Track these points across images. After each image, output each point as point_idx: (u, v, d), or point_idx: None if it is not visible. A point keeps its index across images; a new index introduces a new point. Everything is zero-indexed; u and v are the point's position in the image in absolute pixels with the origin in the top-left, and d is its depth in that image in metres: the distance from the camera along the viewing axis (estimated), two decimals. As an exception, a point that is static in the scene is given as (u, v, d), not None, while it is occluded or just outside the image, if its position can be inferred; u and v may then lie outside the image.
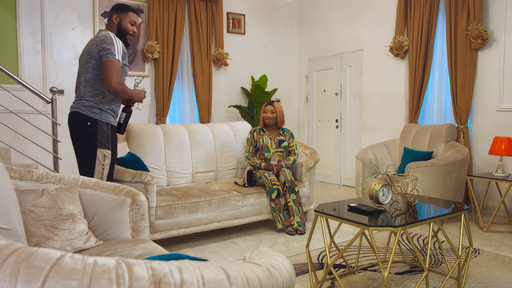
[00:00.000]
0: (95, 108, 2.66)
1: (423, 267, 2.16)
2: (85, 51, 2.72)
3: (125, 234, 2.07)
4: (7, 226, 1.44)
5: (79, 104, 2.67)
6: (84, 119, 2.64)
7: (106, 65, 2.59)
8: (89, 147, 2.65)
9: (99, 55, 2.63)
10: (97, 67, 2.65)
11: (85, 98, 2.66)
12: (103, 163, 2.67)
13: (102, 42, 2.63)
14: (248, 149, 4.02)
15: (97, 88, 2.67)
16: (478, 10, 4.22)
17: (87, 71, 2.67)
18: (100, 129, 2.66)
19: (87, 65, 2.67)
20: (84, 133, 2.64)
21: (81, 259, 0.71)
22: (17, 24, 4.60)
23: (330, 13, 6.21)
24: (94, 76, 2.67)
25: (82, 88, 2.69)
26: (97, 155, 2.65)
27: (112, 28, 2.80)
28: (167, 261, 0.78)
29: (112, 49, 2.61)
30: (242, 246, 3.36)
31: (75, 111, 2.67)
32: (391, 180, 2.61)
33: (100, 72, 2.65)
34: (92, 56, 2.65)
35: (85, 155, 2.66)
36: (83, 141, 2.67)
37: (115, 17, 2.80)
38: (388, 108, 5.43)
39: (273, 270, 0.92)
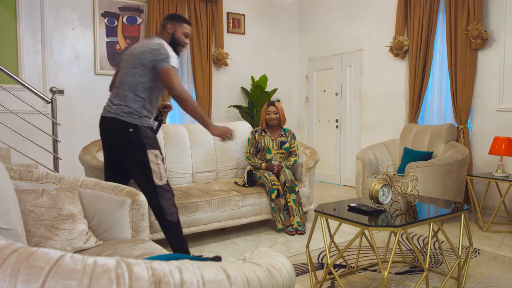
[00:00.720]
0: (134, 115, 2.58)
1: (423, 267, 2.16)
2: (134, 53, 2.60)
3: (125, 234, 2.07)
4: (7, 226, 1.44)
5: (119, 111, 2.56)
6: (126, 125, 2.55)
7: (165, 71, 2.53)
8: (139, 152, 2.56)
9: (152, 65, 2.55)
10: (145, 74, 2.57)
11: (124, 104, 2.57)
12: (157, 162, 2.60)
13: (157, 52, 2.55)
14: (248, 150, 4.02)
15: (139, 95, 2.59)
16: (478, 10, 4.22)
17: (132, 75, 2.57)
18: (143, 132, 2.58)
19: (134, 70, 2.57)
20: (128, 140, 2.56)
21: (81, 259, 0.71)
22: (17, 24, 4.60)
23: (330, 13, 6.21)
24: (138, 83, 2.58)
25: (122, 92, 2.58)
26: (149, 156, 2.57)
27: (165, 36, 2.74)
28: (167, 261, 0.78)
29: (169, 57, 2.57)
30: (242, 246, 3.36)
31: (115, 118, 2.56)
32: (391, 180, 2.61)
33: (147, 80, 2.58)
34: (142, 63, 2.56)
35: (137, 161, 2.57)
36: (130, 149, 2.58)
37: (170, 27, 2.75)
38: (388, 108, 5.43)
39: (273, 270, 0.92)
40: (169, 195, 2.65)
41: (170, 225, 2.64)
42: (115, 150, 2.66)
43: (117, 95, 2.63)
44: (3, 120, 3.99)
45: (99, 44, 5.11)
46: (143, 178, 2.58)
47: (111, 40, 5.20)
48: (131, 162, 2.61)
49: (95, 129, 4.95)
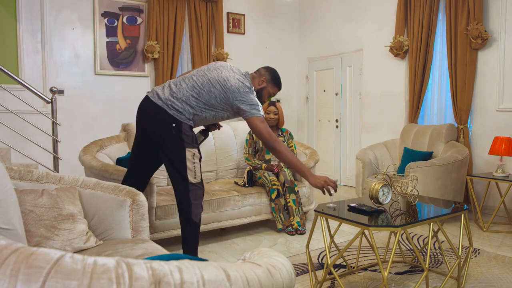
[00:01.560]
0: (182, 115, 2.54)
1: (423, 267, 2.16)
2: (222, 78, 2.56)
3: (125, 234, 2.07)
4: (7, 226, 1.44)
5: (169, 103, 2.51)
6: (170, 119, 2.51)
7: (254, 121, 2.54)
8: (177, 148, 2.54)
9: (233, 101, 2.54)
10: (218, 104, 2.56)
11: (180, 102, 2.53)
12: (194, 161, 2.58)
13: (245, 93, 2.54)
14: (247, 151, 4.02)
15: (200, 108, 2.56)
16: (478, 10, 4.22)
17: (208, 93, 2.54)
18: (184, 130, 2.55)
19: (213, 89, 2.54)
20: (168, 134, 2.53)
21: (81, 259, 0.71)
22: (17, 24, 4.60)
23: (330, 13, 6.21)
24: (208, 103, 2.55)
25: (188, 94, 2.54)
26: (186, 154, 2.55)
27: (255, 84, 2.72)
28: (167, 261, 0.78)
29: (255, 104, 2.56)
30: (242, 246, 3.36)
31: (162, 108, 2.51)
32: (391, 180, 2.61)
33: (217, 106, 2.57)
34: (226, 94, 2.54)
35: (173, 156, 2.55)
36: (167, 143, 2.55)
37: (264, 81, 2.75)
38: (388, 108, 5.43)
39: (273, 270, 0.92)
40: (200, 193, 2.62)
41: (192, 224, 2.61)
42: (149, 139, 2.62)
43: (178, 89, 2.56)
44: (3, 120, 3.99)
45: (99, 44, 5.11)
46: (176, 174, 2.56)
47: (111, 40, 5.20)
48: (168, 156, 2.57)
49: (95, 129, 4.96)
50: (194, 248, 2.66)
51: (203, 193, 2.65)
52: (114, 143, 3.67)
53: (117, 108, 5.21)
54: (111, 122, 5.02)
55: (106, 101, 5.19)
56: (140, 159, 2.74)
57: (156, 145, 2.60)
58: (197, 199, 2.60)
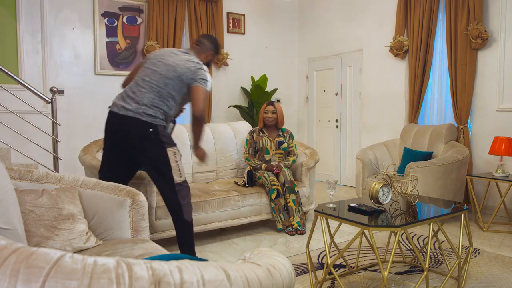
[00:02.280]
0: (156, 118, 2.58)
1: (423, 267, 2.16)
2: (171, 65, 2.62)
3: (125, 234, 2.07)
4: (7, 226, 1.44)
5: (141, 111, 2.54)
6: (146, 125, 2.55)
7: (199, 90, 2.59)
8: (158, 150, 2.58)
9: (189, 81, 2.60)
10: (179, 89, 2.61)
11: (148, 106, 2.56)
12: (176, 160, 2.62)
13: (197, 71, 2.61)
14: (247, 151, 4.02)
15: (167, 105, 2.61)
16: (478, 10, 4.22)
17: (165, 85, 2.59)
18: (161, 131, 2.59)
19: (168, 81, 2.59)
20: (147, 139, 2.56)
21: (81, 259, 0.71)
22: (17, 24, 4.60)
23: (330, 13, 6.21)
24: (170, 96, 2.60)
25: (149, 95, 2.57)
26: (168, 154, 2.59)
27: (201, 58, 2.77)
28: (167, 261, 0.78)
29: (208, 80, 2.63)
30: (242, 246, 3.36)
31: (134, 117, 2.54)
32: (391, 180, 2.61)
33: (177, 94, 2.62)
34: (180, 79, 2.59)
35: (158, 159, 2.58)
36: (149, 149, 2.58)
37: (211, 54, 2.82)
38: (388, 108, 5.43)
39: (273, 270, 0.92)
40: (187, 192, 2.66)
41: (185, 224, 2.64)
42: (127, 148, 2.63)
43: (139, 95, 2.58)
44: (3, 120, 3.99)
45: (99, 44, 5.11)
46: (162, 177, 2.59)
47: (111, 40, 5.20)
48: (150, 161, 2.60)
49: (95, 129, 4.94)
50: (191, 249, 2.68)
51: (190, 191, 2.70)
52: (114, 143, 3.66)
53: (117, 108, 5.20)
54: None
55: (106, 101, 5.13)
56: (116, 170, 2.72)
57: (137, 153, 2.62)
58: (185, 198, 2.63)
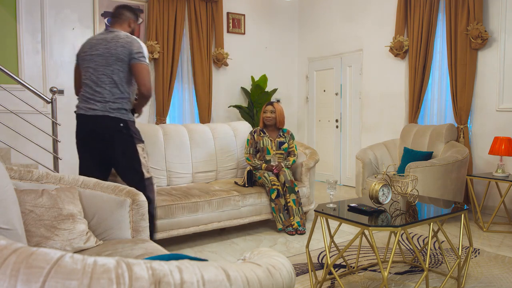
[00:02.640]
0: (122, 110, 2.62)
1: (423, 267, 2.16)
2: (103, 50, 2.61)
3: (125, 234, 2.07)
4: (7, 226, 1.44)
5: (106, 107, 2.58)
6: (117, 121, 2.59)
7: (141, 68, 2.60)
8: (130, 146, 2.63)
9: (129, 58, 2.60)
10: (124, 69, 2.61)
11: (111, 101, 2.59)
12: (144, 155, 2.71)
13: (130, 45, 2.60)
14: (248, 150, 4.02)
15: (124, 90, 2.63)
16: (478, 10, 4.22)
17: (112, 73, 2.59)
18: (132, 127, 2.65)
19: (112, 67, 2.59)
20: (120, 135, 2.60)
21: (81, 259, 0.71)
22: (17, 24, 4.60)
23: (330, 13, 6.21)
24: (122, 79, 2.61)
25: (107, 90, 2.59)
26: (138, 150, 2.66)
27: (126, 30, 2.76)
28: (167, 261, 0.78)
29: (144, 53, 2.63)
30: (242, 246, 3.36)
31: (103, 115, 2.57)
32: (391, 180, 2.61)
33: (126, 74, 2.62)
34: (119, 58, 2.58)
35: (129, 154, 2.63)
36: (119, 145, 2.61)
37: (132, 22, 2.80)
38: (388, 108, 5.43)
39: (273, 270, 0.92)
40: (153, 187, 2.75)
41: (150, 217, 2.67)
42: (101, 147, 2.67)
43: (97, 94, 2.62)
44: (3, 120, 3.98)
45: (99, 44, 5.10)
46: (132, 172, 2.65)
47: (111, 40, 5.19)
48: (122, 156, 2.65)
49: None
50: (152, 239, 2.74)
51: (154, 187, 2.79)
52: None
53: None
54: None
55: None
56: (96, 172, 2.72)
57: (110, 150, 2.65)
58: (152, 193, 2.73)
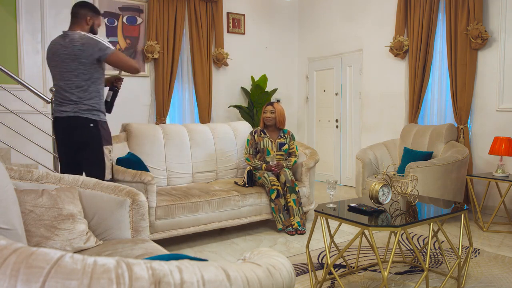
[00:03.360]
0: (94, 110, 2.71)
1: (423, 267, 2.16)
2: (63, 56, 2.66)
3: (125, 234, 2.07)
4: (7, 226, 1.44)
5: (76, 109, 2.67)
6: (87, 121, 2.68)
7: (115, 57, 2.65)
8: (97, 147, 2.71)
9: (92, 58, 2.63)
10: (88, 71, 2.66)
11: (82, 103, 2.68)
12: (110, 158, 2.79)
13: (88, 45, 2.61)
14: (248, 151, 4.01)
15: (92, 91, 2.70)
16: (478, 10, 4.22)
17: (77, 77, 2.66)
18: (102, 128, 2.74)
19: (75, 72, 2.65)
20: (89, 135, 2.69)
21: (81, 259, 0.71)
22: (17, 24, 4.60)
23: (330, 13, 6.21)
24: (86, 80, 2.67)
25: (76, 94, 2.67)
26: (105, 151, 2.74)
27: (85, 28, 2.76)
28: (167, 261, 0.78)
29: (103, 44, 2.65)
30: (242, 246, 3.36)
31: (74, 116, 2.67)
32: (391, 180, 2.61)
33: (91, 75, 2.67)
34: (80, 62, 2.64)
35: (95, 155, 2.71)
36: (89, 143, 2.70)
37: (89, 18, 2.78)
38: (388, 108, 5.43)
39: (273, 270, 0.92)
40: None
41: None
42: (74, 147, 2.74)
43: (67, 97, 2.69)
44: (3, 120, 3.98)
45: (99, 44, 5.10)
46: (95, 171, 2.69)
47: (111, 40, 5.19)
48: (88, 156, 2.72)
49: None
50: None
51: None
52: (114, 143, 3.67)
53: (117, 108, 5.18)
54: (111, 122, 5.00)
55: (106, 101, 5.18)
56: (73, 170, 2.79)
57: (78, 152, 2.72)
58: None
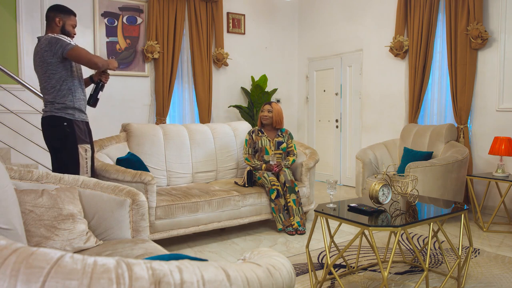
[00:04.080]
0: (68, 109, 2.75)
1: (423, 267, 2.16)
2: (37, 61, 2.74)
3: (125, 234, 2.07)
4: (7, 226, 1.44)
5: (52, 108, 2.74)
6: (60, 120, 2.73)
7: (74, 53, 2.67)
8: (70, 146, 2.74)
9: (56, 57, 2.68)
10: (56, 70, 2.71)
11: (56, 102, 2.73)
12: (86, 157, 2.79)
13: (50, 45, 2.67)
14: (247, 151, 4.01)
15: (63, 89, 2.74)
16: (478, 10, 4.22)
17: (48, 78, 2.72)
18: (76, 127, 2.76)
19: (47, 73, 2.72)
20: (62, 133, 2.73)
21: (81, 259, 0.71)
22: (17, 24, 4.60)
23: (330, 13, 6.21)
24: (57, 80, 2.72)
25: (51, 94, 2.74)
26: (79, 151, 2.76)
27: (55, 30, 2.81)
28: (167, 261, 0.78)
29: (64, 41, 2.68)
30: (242, 246, 3.36)
31: (50, 115, 2.74)
32: (391, 180, 2.61)
33: (61, 74, 2.72)
34: (48, 63, 2.69)
35: (67, 154, 2.74)
36: (61, 141, 2.74)
37: (58, 20, 2.81)
38: (388, 108, 5.43)
39: (273, 270, 0.92)
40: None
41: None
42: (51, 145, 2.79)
43: (47, 99, 2.78)
44: (3, 120, 3.99)
45: (99, 44, 5.11)
46: (69, 172, 2.70)
47: (111, 40, 5.20)
48: (62, 154, 2.75)
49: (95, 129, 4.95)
50: None
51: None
52: (114, 143, 3.67)
53: (117, 108, 5.21)
54: (111, 122, 5.02)
55: (106, 101, 5.18)
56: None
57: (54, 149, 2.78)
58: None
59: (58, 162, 2.80)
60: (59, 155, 2.77)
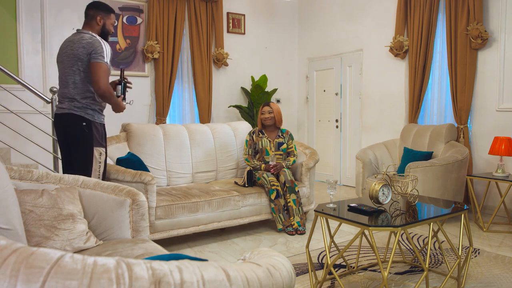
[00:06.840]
0: (88, 109, 2.72)
1: (423, 267, 2.16)
2: (68, 52, 2.71)
3: (125, 234, 2.07)
4: (7, 226, 1.44)
5: (71, 106, 2.69)
6: (79, 119, 2.69)
7: (95, 67, 2.64)
8: (86, 146, 2.70)
9: (88, 58, 2.65)
10: (85, 69, 2.68)
11: (77, 100, 2.70)
12: (100, 161, 2.76)
13: (90, 45, 2.65)
14: (247, 151, 4.01)
15: (87, 89, 2.71)
16: (478, 10, 4.22)
17: (74, 73, 2.69)
18: (95, 128, 2.73)
19: (74, 68, 2.69)
20: (80, 133, 2.69)
21: (81, 259, 0.71)
22: (17, 24, 4.60)
23: (330, 13, 6.21)
24: (83, 79, 2.69)
25: (71, 90, 2.70)
26: (94, 153, 2.72)
27: (95, 28, 2.79)
28: (167, 261, 0.78)
29: (102, 52, 2.66)
30: (242, 246, 3.36)
31: (69, 113, 2.69)
32: (391, 180, 2.61)
33: (87, 73, 2.69)
34: (79, 59, 2.67)
35: (82, 154, 2.71)
36: (79, 141, 2.70)
37: (100, 19, 2.80)
38: (388, 108, 5.43)
39: (273, 270, 0.92)
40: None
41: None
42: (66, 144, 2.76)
43: (65, 94, 2.72)
44: (3, 120, 3.98)
45: (99, 44, 5.10)
46: (81, 173, 2.68)
47: (111, 40, 5.19)
48: (78, 154, 2.72)
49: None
50: None
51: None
52: (114, 143, 3.68)
53: (117, 108, 5.20)
54: (111, 122, 5.00)
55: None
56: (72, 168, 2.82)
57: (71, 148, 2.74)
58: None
59: (70, 163, 2.76)
60: (73, 155, 2.73)
